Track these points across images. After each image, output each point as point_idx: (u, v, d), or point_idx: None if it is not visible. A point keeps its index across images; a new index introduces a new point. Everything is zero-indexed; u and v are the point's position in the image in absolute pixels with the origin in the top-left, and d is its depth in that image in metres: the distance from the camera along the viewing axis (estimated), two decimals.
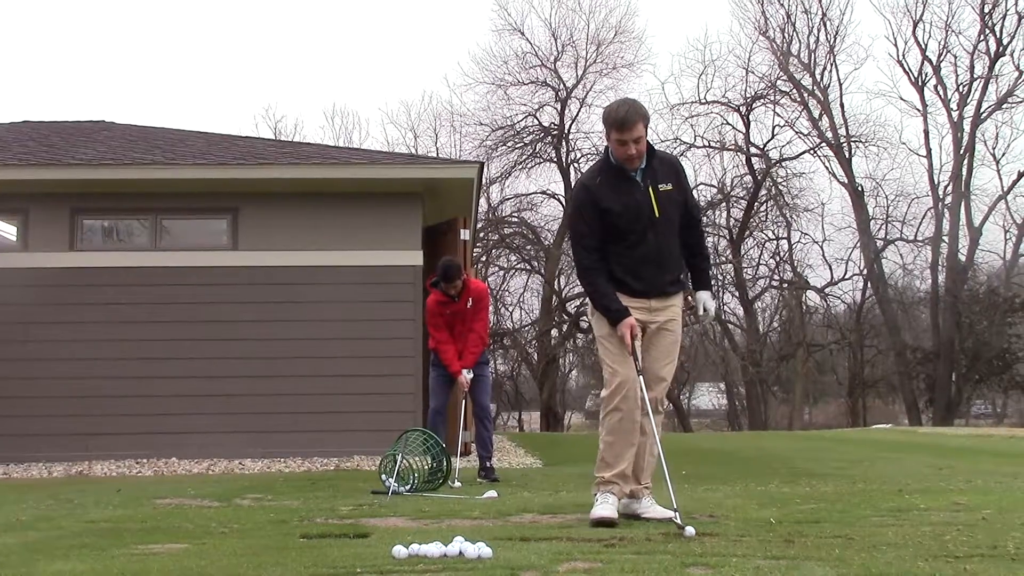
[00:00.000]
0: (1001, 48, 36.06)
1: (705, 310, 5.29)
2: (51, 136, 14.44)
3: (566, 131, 36.91)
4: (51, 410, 11.52)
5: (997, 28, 36.03)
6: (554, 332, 38.08)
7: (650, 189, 5.09)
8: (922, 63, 37.38)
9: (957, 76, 37.06)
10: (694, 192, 5.65)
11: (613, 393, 5.08)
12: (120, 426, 11.48)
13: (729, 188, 38.12)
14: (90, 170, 12.07)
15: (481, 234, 32.60)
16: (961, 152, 36.23)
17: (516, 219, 36.87)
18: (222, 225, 12.29)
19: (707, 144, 37.94)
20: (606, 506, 4.97)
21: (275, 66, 70.24)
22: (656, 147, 5.24)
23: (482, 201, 30.04)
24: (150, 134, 15.03)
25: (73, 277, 11.82)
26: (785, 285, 39.40)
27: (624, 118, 4.96)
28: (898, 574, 3.40)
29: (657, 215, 5.08)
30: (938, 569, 3.48)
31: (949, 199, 36.63)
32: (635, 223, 5.08)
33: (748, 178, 38.20)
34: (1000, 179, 37.76)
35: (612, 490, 5.04)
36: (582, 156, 37.14)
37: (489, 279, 34.08)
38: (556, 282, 36.74)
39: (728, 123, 38.41)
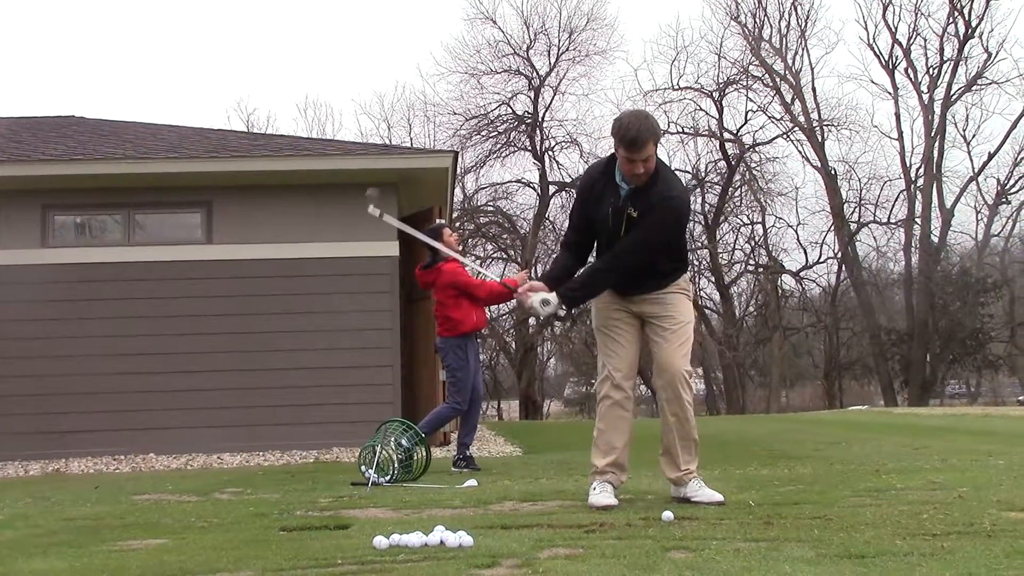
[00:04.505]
0: (970, 30, 36.39)
1: (544, 303, 5.00)
2: (20, 132, 14.29)
3: (540, 119, 36.95)
4: (26, 408, 11.43)
5: (966, 10, 36.40)
6: (531, 320, 38.14)
7: (626, 212, 4.97)
8: (892, 46, 37.73)
9: (927, 59, 37.46)
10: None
11: (602, 382, 5.19)
12: (97, 423, 11.41)
13: (703, 174, 38.32)
14: (61, 166, 11.97)
15: (457, 223, 32.56)
16: (932, 134, 36.56)
17: (491, 208, 36.91)
18: (196, 219, 12.22)
19: (681, 130, 38.14)
20: (604, 495, 5.01)
21: (247, 59, 69.86)
22: (671, 178, 5.06)
23: (457, 191, 30.01)
24: (121, 128, 14.90)
25: (45, 274, 11.71)
26: (760, 269, 39.66)
27: (635, 138, 4.80)
28: (876, 553, 3.42)
29: (621, 236, 5.02)
30: (916, 547, 3.51)
31: (921, 181, 36.97)
32: (605, 236, 5.09)
33: (722, 163, 38.45)
34: (971, 160, 38.27)
35: (608, 479, 5.08)
36: (556, 144, 37.27)
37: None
38: (533, 270, 36.76)
39: (701, 109, 38.66)
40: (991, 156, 37.42)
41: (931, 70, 37.17)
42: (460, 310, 8.24)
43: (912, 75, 37.42)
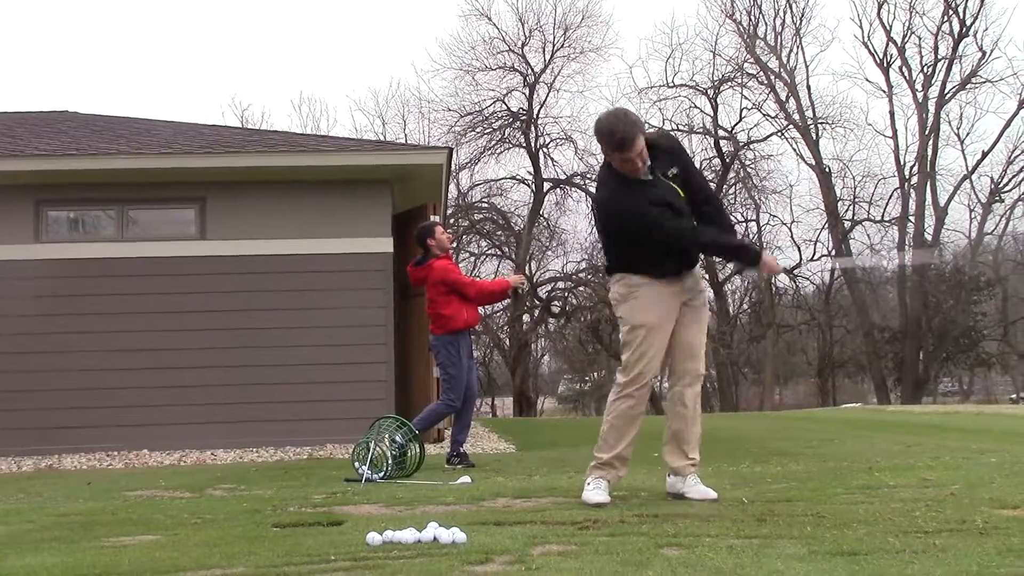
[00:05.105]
0: (964, 29, 36.42)
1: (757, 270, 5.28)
2: (14, 127, 14.24)
3: (535, 116, 36.90)
4: (19, 404, 11.39)
5: (960, 9, 36.42)
6: (526, 318, 38.14)
7: (663, 178, 5.00)
8: (887, 44, 37.74)
9: (922, 57, 37.48)
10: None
11: (633, 380, 5.08)
12: (90, 419, 11.37)
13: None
14: (54, 160, 11.93)
15: (451, 220, 32.55)
16: (926, 132, 36.59)
17: (486, 205, 36.88)
18: (190, 215, 12.19)
19: (675, 128, 38.06)
20: (597, 491, 5.02)
21: (241, 55, 69.70)
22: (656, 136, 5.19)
23: (451, 187, 29.98)
24: (115, 124, 14.85)
25: (38, 269, 11.68)
26: None
27: (623, 138, 4.81)
28: (869, 550, 3.43)
29: (683, 197, 5.05)
30: (908, 544, 3.51)
31: (915, 179, 37.03)
32: (671, 216, 5.01)
33: (716, 161, 38.42)
34: (964, 159, 38.32)
35: (605, 475, 5.09)
36: (551, 141, 37.25)
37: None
38: (527, 267, 36.76)
39: (696, 106, 38.64)
40: (985, 155, 37.51)
41: (925, 68, 37.24)
42: (451, 307, 8.25)
43: (906, 73, 37.49)
